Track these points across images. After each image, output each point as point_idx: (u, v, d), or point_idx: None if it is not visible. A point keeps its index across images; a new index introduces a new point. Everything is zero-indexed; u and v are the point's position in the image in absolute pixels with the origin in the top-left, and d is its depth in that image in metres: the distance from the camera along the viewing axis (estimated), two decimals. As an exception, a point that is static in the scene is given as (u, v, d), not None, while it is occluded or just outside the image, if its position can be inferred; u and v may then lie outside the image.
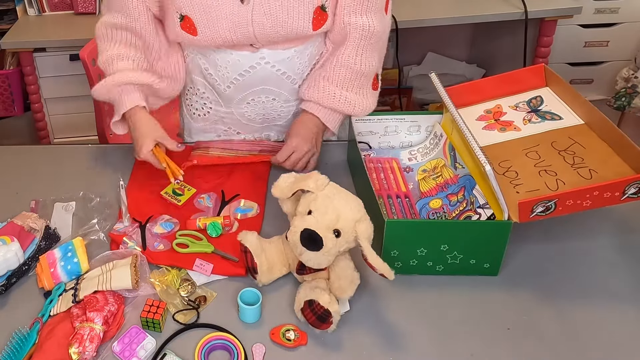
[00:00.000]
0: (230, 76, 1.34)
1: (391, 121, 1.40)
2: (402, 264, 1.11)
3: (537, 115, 1.30)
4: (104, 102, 1.93)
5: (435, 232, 1.08)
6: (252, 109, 1.41)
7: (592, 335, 1.03)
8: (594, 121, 1.22)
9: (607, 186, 1.02)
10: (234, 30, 1.23)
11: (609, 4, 2.55)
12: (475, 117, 1.35)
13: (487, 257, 1.11)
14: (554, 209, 1.04)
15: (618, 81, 2.56)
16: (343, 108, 1.35)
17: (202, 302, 1.08)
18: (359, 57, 1.32)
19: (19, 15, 2.53)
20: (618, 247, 1.20)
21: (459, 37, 3.07)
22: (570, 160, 1.16)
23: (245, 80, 1.35)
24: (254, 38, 1.25)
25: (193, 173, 1.37)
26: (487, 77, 1.44)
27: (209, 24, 1.23)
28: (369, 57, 1.33)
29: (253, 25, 1.22)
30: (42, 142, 2.59)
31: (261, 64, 1.32)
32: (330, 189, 1.04)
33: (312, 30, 1.26)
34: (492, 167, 1.06)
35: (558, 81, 1.34)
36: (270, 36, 1.25)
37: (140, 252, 1.16)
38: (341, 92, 1.33)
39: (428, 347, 1.01)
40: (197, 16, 1.23)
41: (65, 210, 1.29)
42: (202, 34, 1.25)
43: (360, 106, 1.35)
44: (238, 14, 1.21)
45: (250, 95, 1.38)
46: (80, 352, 0.97)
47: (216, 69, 1.35)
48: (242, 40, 1.26)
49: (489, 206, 1.14)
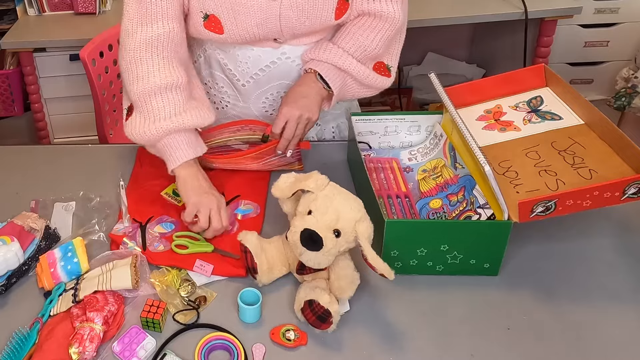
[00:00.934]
0: (250, 71, 1.36)
1: (391, 121, 1.40)
2: (402, 264, 1.11)
3: (537, 115, 1.31)
4: (104, 102, 1.94)
5: (435, 232, 1.08)
6: (270, 104, 1.42)
7: (592, 335, 1.03)
8: (594, 121, 1.22)
9: (607, 186, 1.02)
10: (261, 25, 1.24)
11: (609, 4, 2.55)
12: (475, 117, 1.35)
13: (487, 257, 1.11)
14: (554, 209, 1.04)
15: (618, 81, 2.56)
16: (347, 66, 1.30)
17: (202, 302, 1.08)
18: (371, 34, 1.30)
19: (19, 15, 2.53)
20: (618, 247, 1.20)
21: (459, 37, 3.08)
22: (570, 160, 1.16)
23: (265, 76, 1.36)
24: (280, 32, 1.26)
25: None
26: (487, 77, 1.44)
27: (236, 22, 1.23)
28: (384, 41, 1.32)
29: (281, 19, 1.23)
30: (42, 142, 2.59)
31: (282, 59, 1.33)
32: (330, 189, 1.04)
33: (334, 19, 1.27)
34: (491, 167, 1.06)
35: (558, 81, 1.34)
36: (296, 28, 1.26)
37: (140, 252, 1.16)
38: (347, 56, 1.31)
39: (428, 347, 1.01)
40: (224, 15, 1.23)
41: (65, 210, 1.29)
42: (229, 31, 1.25)
43: (366, 75, 1.32)
44: (267, 9, 1.22)
45: (269, 90, 1.39)
46: (80, 352, 0.97)
47: (236, 64, 1.36)
48: (269, 34, 1.27)
49: (489, 206, 1.14)
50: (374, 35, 1.30)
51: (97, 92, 1.90)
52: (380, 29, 1.31)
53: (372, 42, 1.31)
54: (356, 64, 1.31)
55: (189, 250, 1.17)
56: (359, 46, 1.31)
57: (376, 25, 1.30)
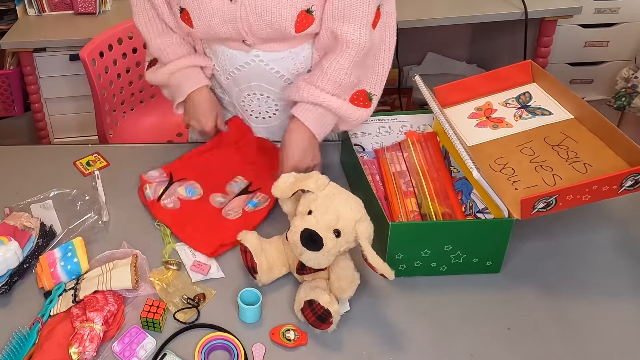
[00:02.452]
0: (228, 68, 1.37)
1: (383, 122, 1.39)
2: (406, 267, 1.11)
3: (527, 111, 1.31)
4: (104, 102, 1.94)
5: (439, 232, 1.09)
6: (248, 104, 1.42)
7: (592, 334, 1.03)
8: (584, 115, 1.23)
9: (605, 180, 1.04)
10: (224, 24, 1.25)
11: (609, 4, 2.55)
12: (466, 114, 1.35)
13: (490, 255, 1.11)
14: (555, 205, 1.05)
15: (618, 81, 2.56)
16: (321, 101, 1.26)
17: (201, 299, 1.08)
18: (340, 62, 1.24)
19: (19, 15, 2.53)
20: (619, 246, 1.20)
21: (459, 37, 3.08)
22: (565, 154, 1.17)
23: (241, 74, 1.36)
24: (244, 34, 1.26)
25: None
26: (476, 75, 1.44)
27: (202, 17, 1.26)
28: (353, 68, 1.26)
29: (242, 21, 1.24)
30: (42, 142, 2.59)
31: (255, 61, 1.33)
32: (330, 189, 1.04)
33: (294, 32, 1.24)
34: (479, 172, 1.06)
35: (545, 77, 1.35)
36: (258, 33, 1.26)
37: (138, 254, 1.16)
38: (320, 92, 1.27)
39: (428, 346, 1.01)
40: (192, 9, 1.26)
41: (44, 208, 1.30)
42: (197, 27, 1.28)
43: (338, 106, 1.27)
44: (227, 10, 1.23)
45: (246, 89, 1.39)
46: (80, 352, 0.97)
47: (217, 59, 1.38)
48: (234, 35, 1.27)
49: (488, 210, 1.14)
50: (342, 63, 1.24)
51: (97, 91, 1.90)
52: (346, 55, 1.24)
53: (340, 72, 1.24)
54: (329, 99, 1.26)
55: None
56: (330, 78, 1.25)
57: (342, 51, 1.24)
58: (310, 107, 1.28)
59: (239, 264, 1.16)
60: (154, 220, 1.26)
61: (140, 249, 1.18)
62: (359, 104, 1.31)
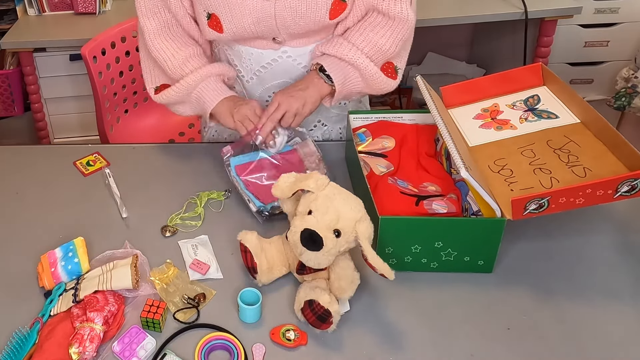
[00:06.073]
0: (253, 68, 1.38)
1: (388, 119, 1.39)
2: (396, 261, 1.12)
3: (533, 114, 1.31)
4: (105, 99, 1.94)
5: (429, 229, 1.08)
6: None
7: (591, 334, 1.03)
8: (590, 120, 1.22)
9: (600, 184, 1.02)
10: (258, 24, 1.27)
11: (609, 4, 2.55)
12: (472, 115, 1.35)
13: (481, 254, 1.11)
14: (547, 207, 1.04)
15: (618, 81, 2.56)
16: (355, 60, 1.30)
17: (201, 299, 1.08)
18: (386, 34, 1.30)
19: (19, 15, 2.53)
20: (616, 245, 1.20)
21: (459, 37, 3.08)
22: (565, 158, 1.17)
23: (267, 73, 1.38)
24: (277, 31, 1.28)
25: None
26: (485, 76, 1.44)
27: (233, 20, 1.26)
28: (399, 42, 1.31)
29: (276, 18, 1.25)
30: (42, 142, 2.59)
31: (283, 57, 1.35)
32: (330, 189, 1.04)
33: (328, 19, 1.28)
34: (468, 170, 1.05)
35: (555, 80, 1.34)
36: (291, 28, 1.28)
37: (136, 254, 1.16)
38: (357, 51, 1.30)
39: (428, 346, 1.01)
40: (222, 13, 1.26)
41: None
42: (228, 30, 1.28)
43: (372, 74, 1.31)
44: (262, 9, 1.25)
45: (272, 88, 1.40)
46: (80, 352, 0.97)
47: (241, 60, 1.39)
48: (266, 33, 1.29)
49: (482, 214, 1.13)
50: (389, 35, 1.30)
51: (97, 89, 1.90)
52: (394, 30, 1.30)
53: (386, 41, 1.30)
54: (364, 59, 1.30)
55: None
56: (373, 44, 1.30)
57: (390, 25, 1.30)
58: (338, 62, 1.31)
59: (239, 264, 1.16)
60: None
61: (140, 248, 1.18)
62: (387, 74, 1.35)
